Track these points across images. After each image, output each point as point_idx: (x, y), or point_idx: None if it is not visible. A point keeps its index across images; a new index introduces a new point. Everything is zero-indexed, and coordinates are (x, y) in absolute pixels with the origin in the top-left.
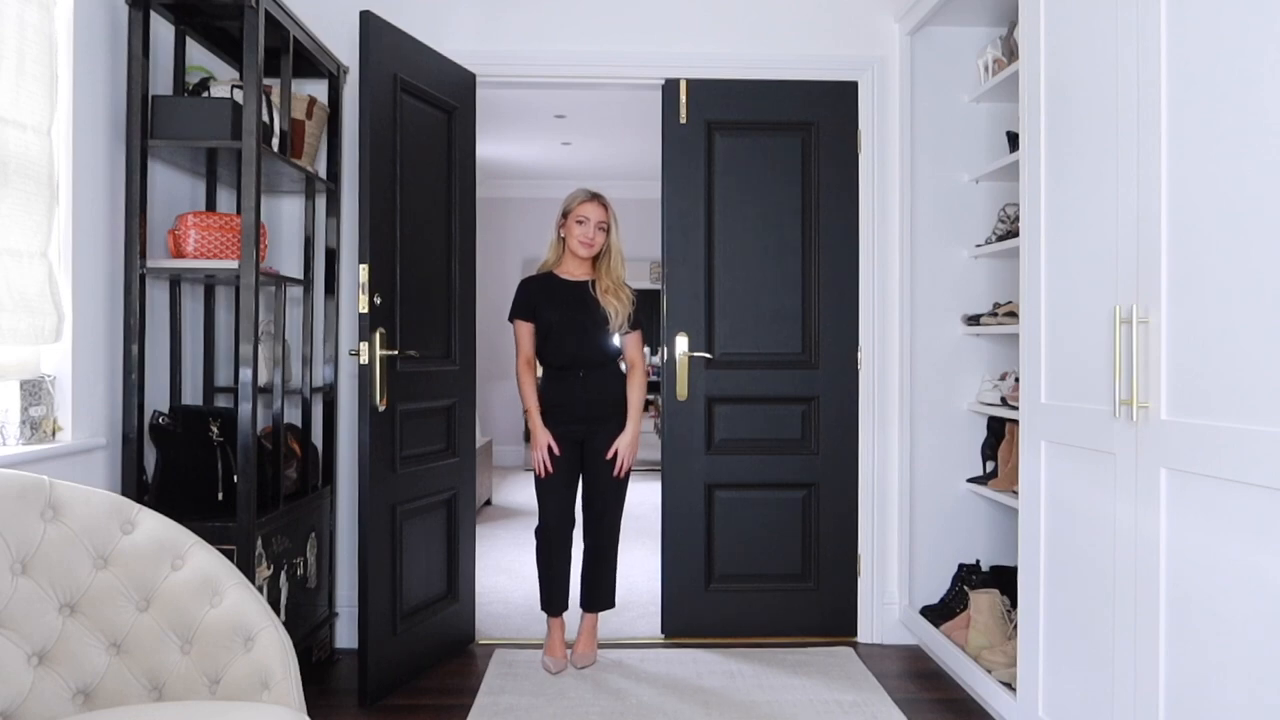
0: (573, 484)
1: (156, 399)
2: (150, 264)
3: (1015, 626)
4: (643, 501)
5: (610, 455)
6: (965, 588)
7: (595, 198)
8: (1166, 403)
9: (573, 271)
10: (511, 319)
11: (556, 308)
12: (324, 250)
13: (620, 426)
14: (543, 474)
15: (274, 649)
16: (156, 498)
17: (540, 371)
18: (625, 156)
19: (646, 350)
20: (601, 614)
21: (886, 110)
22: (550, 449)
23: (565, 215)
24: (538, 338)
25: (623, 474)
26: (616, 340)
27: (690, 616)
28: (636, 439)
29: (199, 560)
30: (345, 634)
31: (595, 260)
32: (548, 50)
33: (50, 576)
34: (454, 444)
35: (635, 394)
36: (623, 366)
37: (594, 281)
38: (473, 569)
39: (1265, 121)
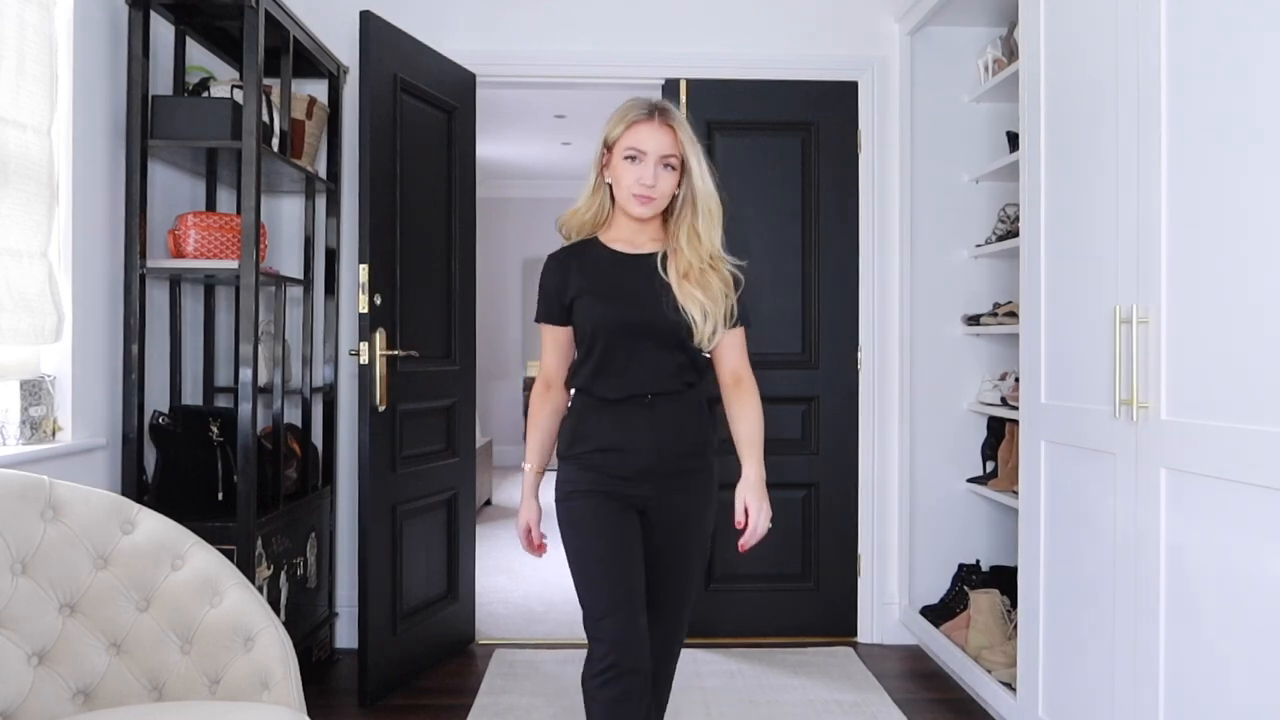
0: (637, 573)
1: (156, 399)
2: (150, 264)
3: (1015, 626)
4: None
5: (739, 524)
6: (965, 588)
7: (656, 113)
8: (1166, 403)
9: (629, 238)
10: (538, 320)
11: (604, 301)
12: (324, 250)
13: (707, 483)
14: (538, 553)
15: (274, 649)
16: (156, 498)
17: (572, 395)
18: None
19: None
20: None
21: (886, 110)
22: (531, 533)
23: (608, 148)
24: (578, 348)
25: (750, 547)
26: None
27: (690, 616)
28: (765, 490)
29: (199, 560)
30: (345, 634)
31: (666, 218)
32: (548, 50)
33: (50, 576)
34: (454, 444)
35: (749, 423)
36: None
37: (665, 255)
38: (473, 569)
39: (1265, 121)
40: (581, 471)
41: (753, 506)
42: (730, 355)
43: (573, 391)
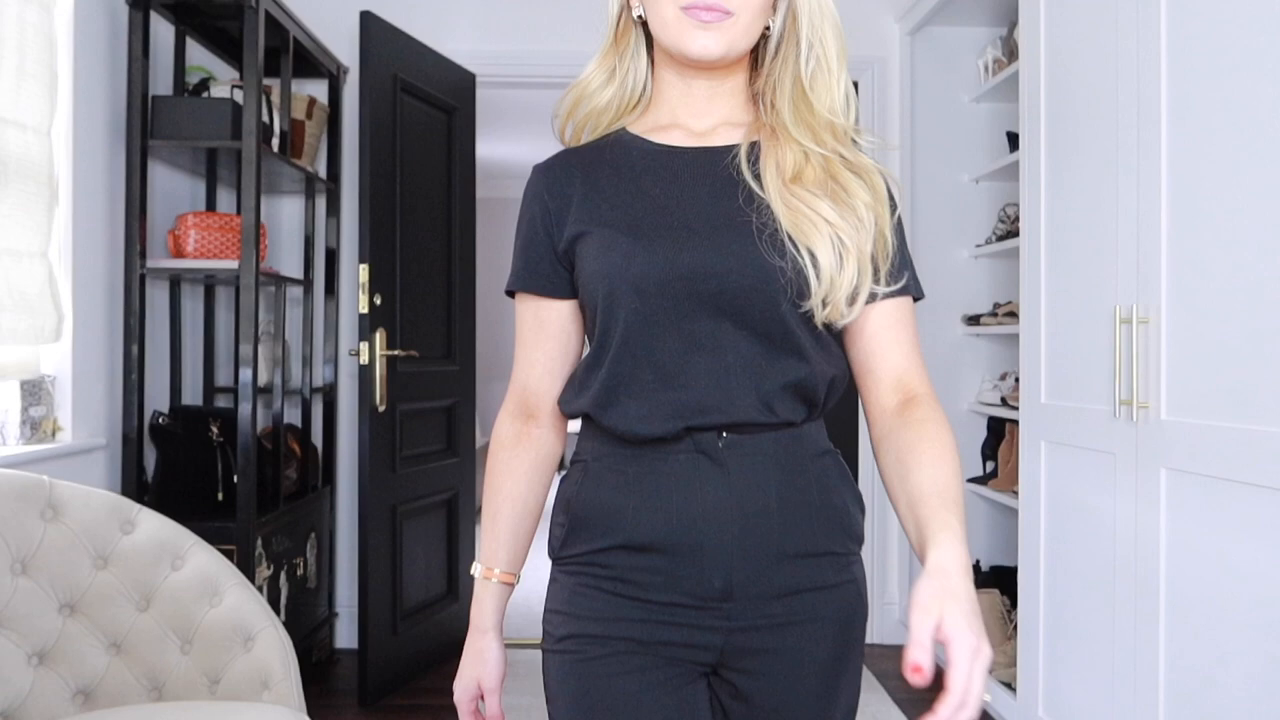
0: None
1: (156, 399)
2: (150, 264)
3: (1015, 626)
4: None
5: (918, 669)
6: None
7: None
8: (1166, 403)
9: (687, 118)
10: (513, 290)
11: (634, 234)
12: (324, 250)
13: (849, 612)
14: None
15: (274, 649)
16: (156, 498)
17: (576, 445)
18: None
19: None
20: None
21: (887, 110)
22: (476, 707)
23: None
24: (592, 332)
25: None
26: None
27: None
28: (975, 602)
29: (199, 560)
30: (345, 634)
31: (757, 70)
32: (548, 50)
33: (50, 576)
34: (454, 444)
35: (943, 468)
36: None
37: (755, 146)
38: None
39: (1265, 121)
40: (585, 593)
41: (961, 644)
42: (893, 347)
43: (575, 424)
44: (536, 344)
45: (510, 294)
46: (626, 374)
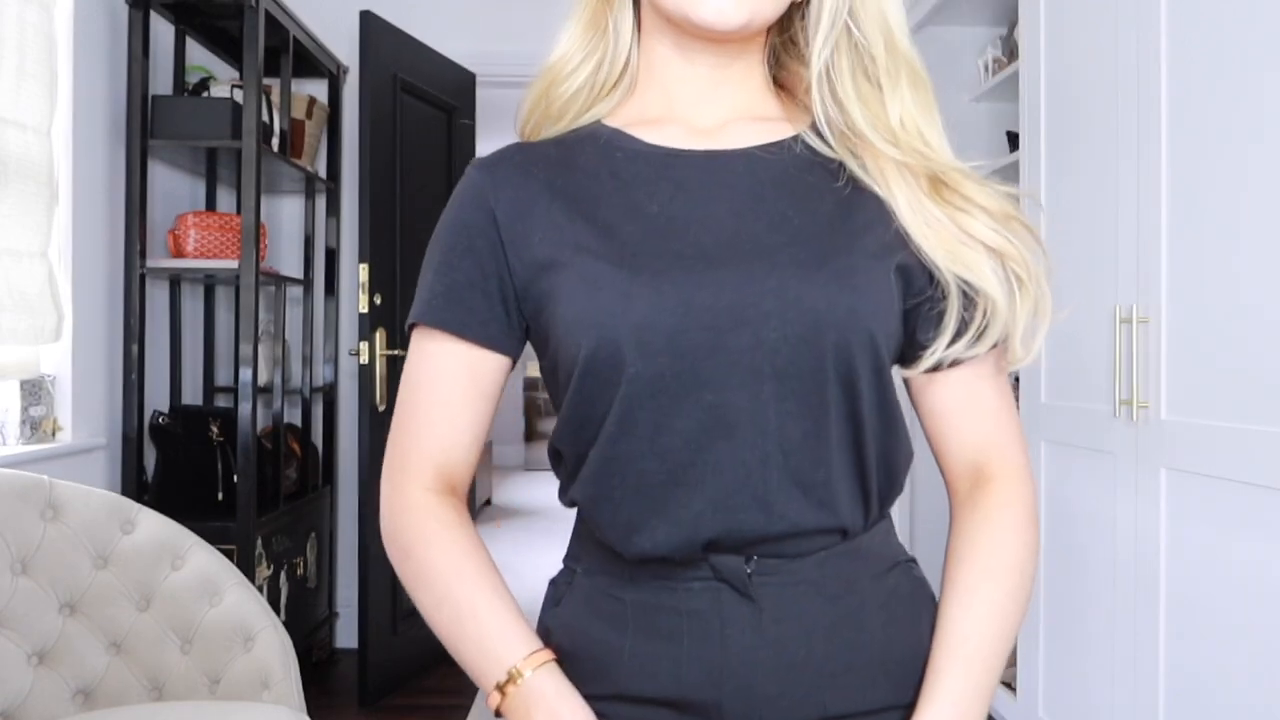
0: None
1: (156, 399)
2: (150, 264)
3: None
4: None
5: None
6: None
7: None
8: (1166, 403)
9: (687, 110)
10: (426, 323)
11: (644, 270)
12: (324, 250)
13: None
14: None
15: (274, 649)
16: (156, 498)
17: (570, 542)
18: None
19: None
20: None
21: None
22: None
23: None
24: (564, 405)
25: None
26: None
27: None
28: None
29: (199, 560)
30: (345, 634)
31: (781, 76)
32: (548, 50)
33: (50, 576)
34: None
35: (983, 602)
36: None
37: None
38: None
39: (1266, 120)
40: None
41: None
42: (970, 410)
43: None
44: (466, 403)
45: (415, 326)
46: (622, 459)
